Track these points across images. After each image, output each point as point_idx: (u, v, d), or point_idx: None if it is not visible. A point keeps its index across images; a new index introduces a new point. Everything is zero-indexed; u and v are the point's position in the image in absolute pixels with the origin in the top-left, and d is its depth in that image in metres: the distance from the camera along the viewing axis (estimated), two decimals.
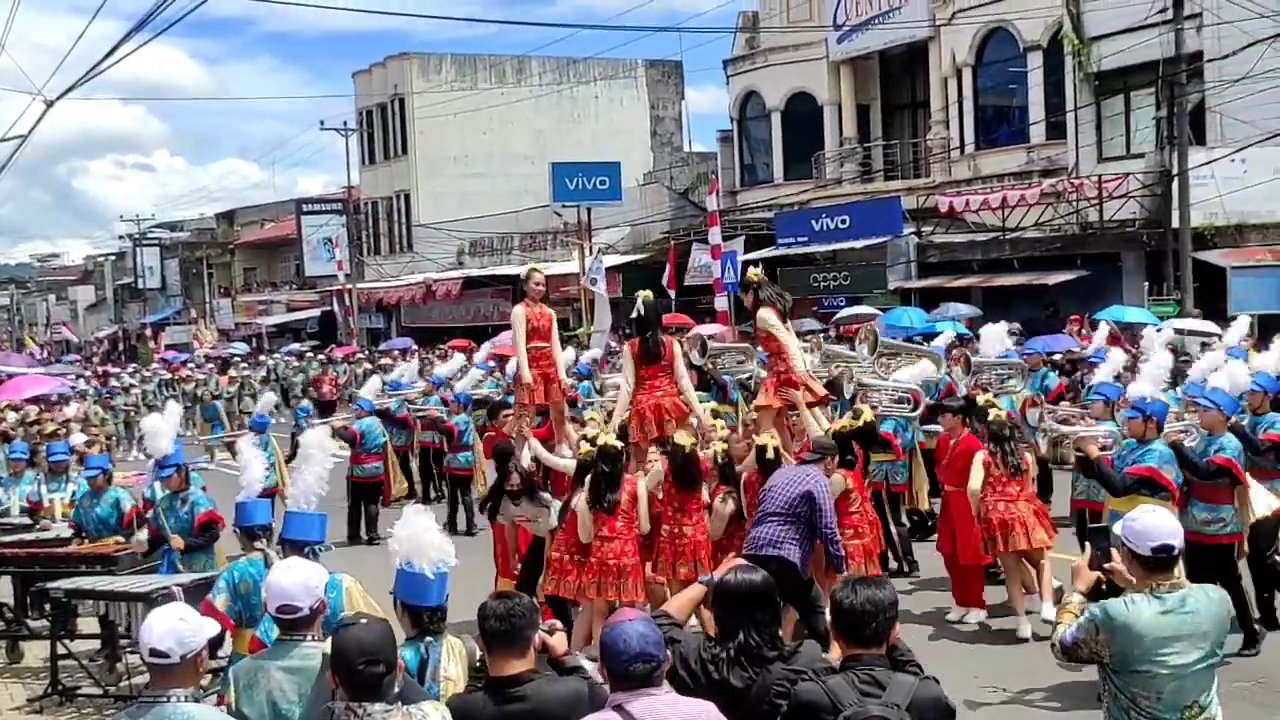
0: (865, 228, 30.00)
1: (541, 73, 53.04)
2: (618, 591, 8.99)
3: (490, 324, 43.34)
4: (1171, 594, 4.58)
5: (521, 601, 4.45)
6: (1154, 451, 8.53)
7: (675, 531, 9.25)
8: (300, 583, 4.70)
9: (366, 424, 16.17)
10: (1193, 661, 4.54)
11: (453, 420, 16.68)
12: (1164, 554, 4.61)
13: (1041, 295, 26.00)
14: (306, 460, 6.67)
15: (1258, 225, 24.74)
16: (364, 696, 4.00)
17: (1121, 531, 4.74)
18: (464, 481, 16.19)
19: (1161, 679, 4.53)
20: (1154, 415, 8.74)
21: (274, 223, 64.97)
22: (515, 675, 4.29)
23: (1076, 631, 4.68)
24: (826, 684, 4.09)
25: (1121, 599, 4.62)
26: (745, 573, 4.58)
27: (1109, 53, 27.27)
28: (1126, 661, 4.56)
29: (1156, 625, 4.52)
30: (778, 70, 37.33)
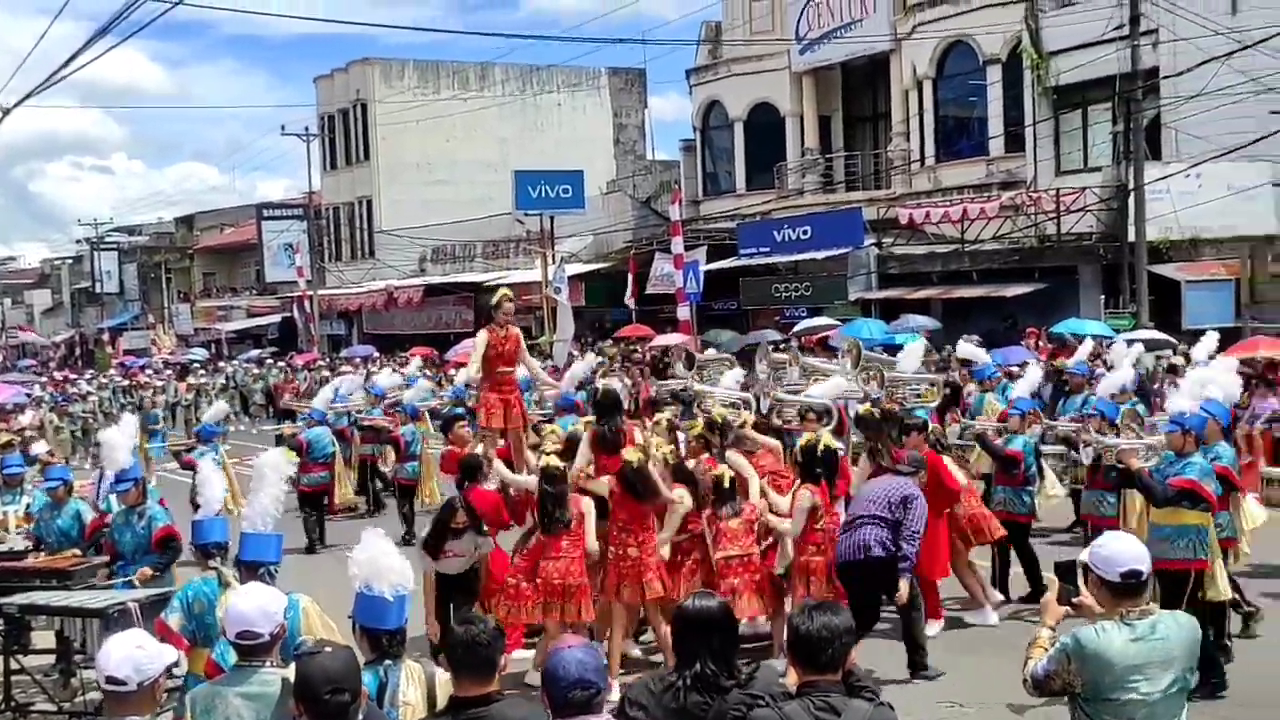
0: (826, 239, 30.15)
1: (504, 80, 52.97)
2: (562, 613, 8.96)
3: (452, 331, 43.25)
4: (1141, 620, 4.59)
5: (488, 626, 4.47)
6: (1194, 464, 8.70)
7: (620, 553, 9.19)
8: (259, 608, 4.69)
9: (315, 433, 16.24)
10: (1163, 688, 4.56)
11: (400, 431, 16.73)
12: (1133, 579, 4.62)
13: (1000, 307, 26.21)
14: (262, 481, 6.65)
15: (1211, 240, 25.04)
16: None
17: (1089, 559, 4.73)
18: (410, 491, 16.34)
19: (1133, 705, 4.54)
20: (1193, 429, 8.92)
21: (234, 227, 64.53)
22: (480, 695, 4.30)
23: (1048, 664, 4.67)
24: (782, 710, 4.12)
25: (1092, 627, 4.62)
26: (703, 600, 4.60)
27: (1067, 67, 27.58)
28: (1098, 690, 4.56)
29: (1127, 653, 4.53)
30: (740, 81, 37.48)
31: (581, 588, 9.05)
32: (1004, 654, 9.73)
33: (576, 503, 9.24)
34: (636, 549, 9.16)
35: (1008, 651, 9.75)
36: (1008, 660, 9.53)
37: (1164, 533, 8.56)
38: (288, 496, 7.25)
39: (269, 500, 6.61)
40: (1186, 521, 8.59)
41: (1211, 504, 8.68)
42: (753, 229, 33.29)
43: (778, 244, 31.64)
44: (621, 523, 9.24)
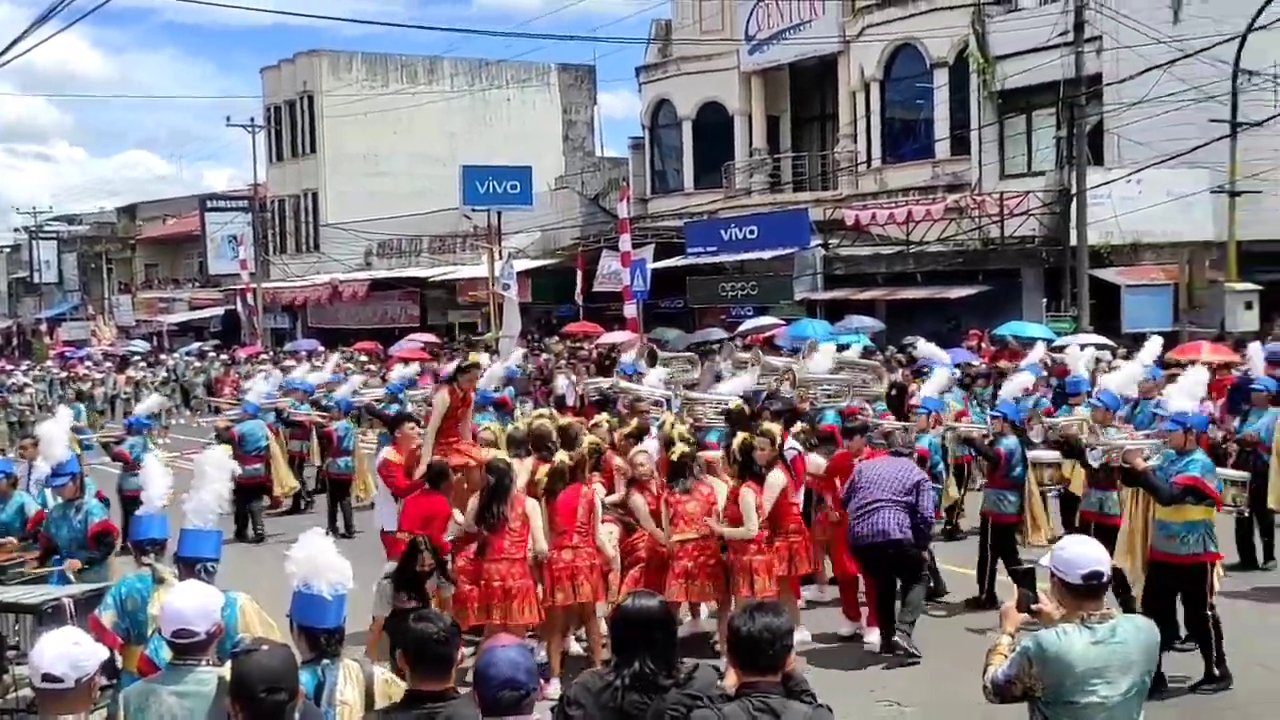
0: (773, 238, 30.27)
1: (453, 74, 52.71)
2: (504, 614, 8.90)
3: (398, 326, 43.03)
4: (1102, 624, 4.62)
5: (444, 623, 4.45)
6: (1196, 461, 8.85)
7: (554, 556, 9.20)
8: (197, 607, 4.63)
9: (248, 426, 16.28)
10: (1122, 691, 4.59)
11: (333, 426, 16.75)
12: (1094, 581, 4.64)
13: (944, 309, 26.45)
14: (203, 478, 6.57)
15: (1151, 245, 25.40)
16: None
17: (1050, 562, 4.75)
18: (344, 486, 16.41)
19: (1092, 709, 4.57)
20: (1194, 427, 9.11)
21: (177, 218, 63.77)
22: (436, 691, 4.30)
23: (1008, 669, 4.68)
24: (721, 711, 4.13)
25: (1053, 630, 4.64)
26: (643, 599, 4.60)
27: (1012, 72, 27.86)
28: (1059, 693, 4.58)
29: (1088, 656, 4.56)
30: (690, 79, 37.54)
31: (523, 589, 9.00)
32: (945, 655, 9.84)
33: (520, 503, 9.19)
34: (570, 552, 9.19)
35: (948, 652, 9.88)
36: (949, 661, 9.67)
37: (1172, 529, 8.76)
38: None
39: (210, 497, 6.53)
40: (1192, 518, 8.75)
41: (1216, 500, 8.89)
42: (700, 228, 33.37)
43: (725, 243, 31.73)
44: (556, 525, 9.27)
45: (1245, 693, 8.71)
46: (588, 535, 9.31)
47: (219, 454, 6.92)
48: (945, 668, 9.55)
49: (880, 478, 9.88)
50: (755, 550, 9.39)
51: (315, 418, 17.58)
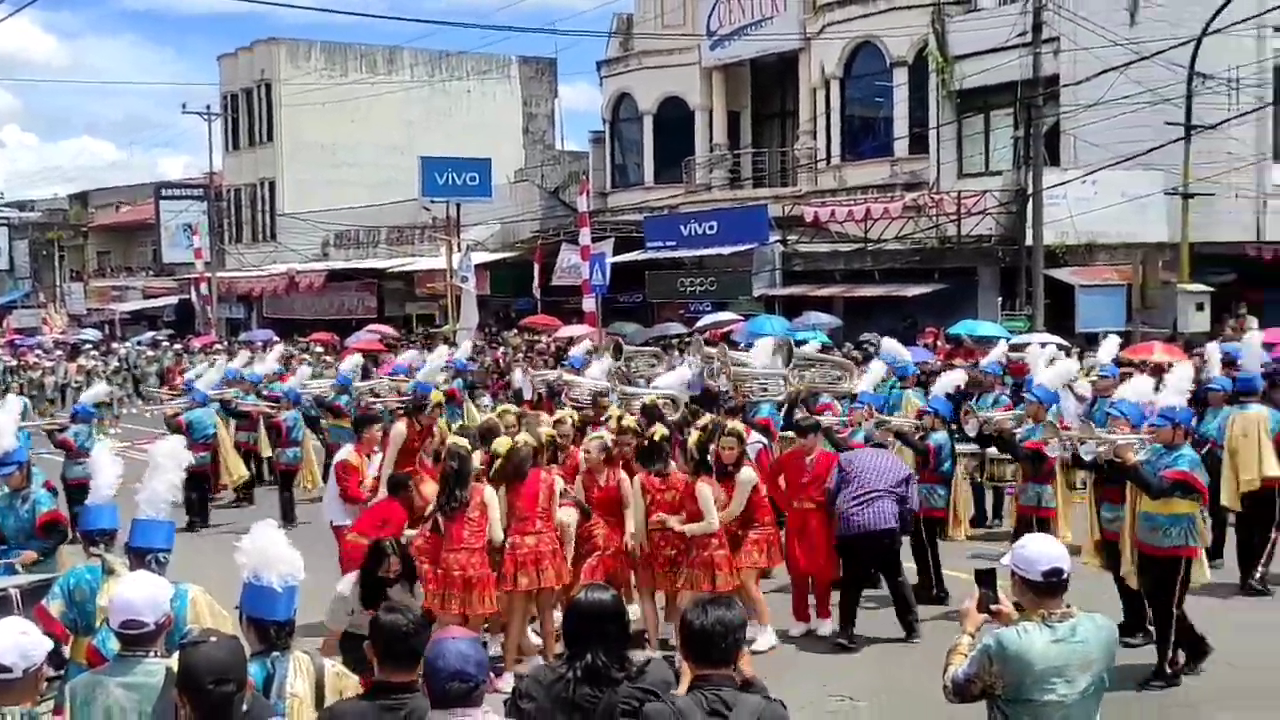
0: (732, 234, 30.33)
1: (413, 64, 52.42)
2: (463, 604, 8.89)
3: (355, 317, 42.76)
4: (1062, 623, 4.63)
5: (414, 616, 4.44)
6: (1184, 456, 8.99)
7: (516, 541, 9.20)
8: (146, 598, 4.58)
9: (196, 415, 16.35)
10: (1081, 690, 4.62)
11: (282, 417, 16.75)
12: (1054, 578, 4.65)
13: (900, 307, 26.60)
14: (156, 468, 6.50)
15: (1106, 245, 25.66)
16: (212, 716, 3.93)
17: (1011, 560, 4.76)
18: (290, 476, 16.49)
19: (1051, 707, 4.59)
20: (1182, 423, 9.26)
21: (131, 206, 63.05)
22: (404, 683, 4.28)
23: (968, 667, 4.68)
24: (675, 704, 4.13)
25: (1014, 628, 4.65)
26: (596, 592, 4.59)
27: (971, 72, 28.04)
28: (1018, 691, 4.59)
29: (1048, 654, 4.57)
30: (651, 74, 37.54)
31: (482, 579, 8.99)
32: (897, 651, 9.92)
33: (479, 491, 9.15)
34: (534, 537, 9.21)
35: (901, 648, 9.96)
36: (901, 656, 9.75)
37: (1157, 521, 8.91)
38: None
39: (163, 487, 6.47)
40: (1179, 511, 8.90)
41: (1203, 494, 9.07)
42: (659, 222, 33.38)
43: (684, 238, 31.76)
44: (519, 511, 9.25)
45: (1211, 690, 8.82)
46: (549, 520, 9.33)
47: (172, 444, 6.85)
48: (897, 662, 9.63)
49: (873, 469, 10.14)
50: (717, 545, 9.42)
51: (264, 408, 17.56)
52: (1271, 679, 8.88)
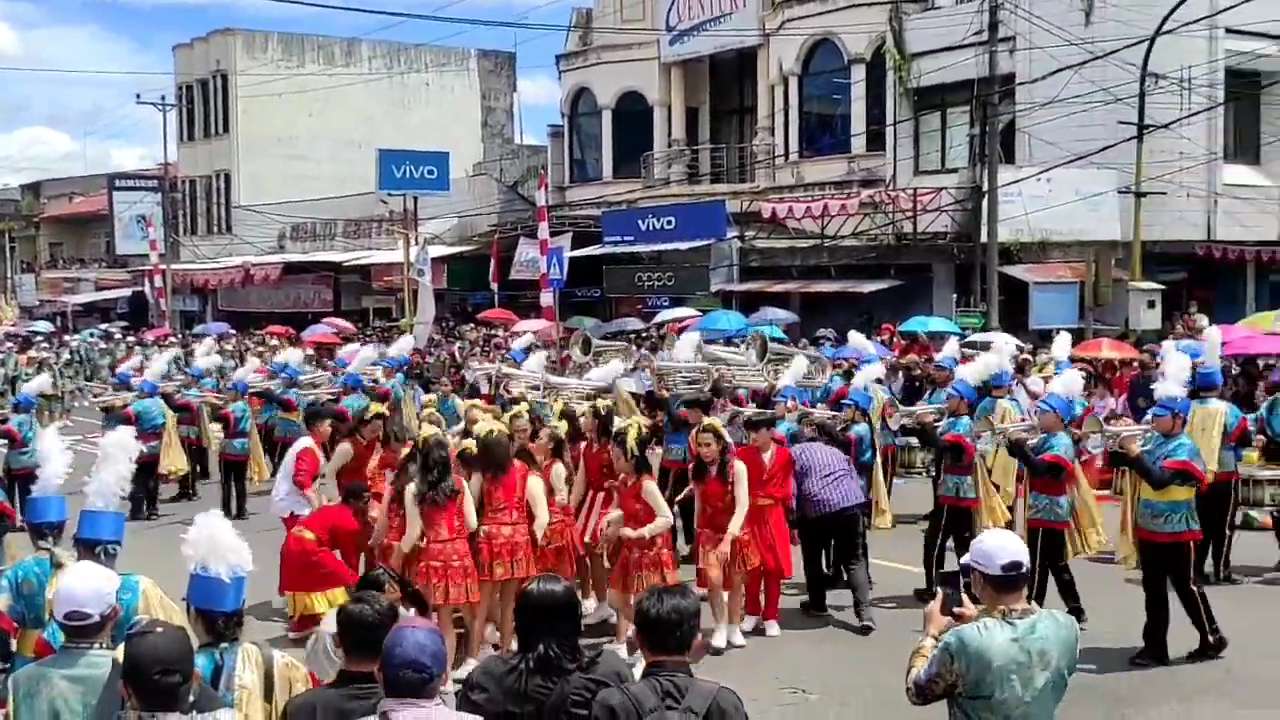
0: (690, 229, 30.37)
1: (371, 57, 52.13)
2: (461, 594, 8.94)
3: (311, 310, 42.48)
4: (1022, 620, 4.64)
5: (380, 606, 4.42)
6: (1184, 445, 9.36)
7: (493, 531, 9.25)
8: (91, 589, 4.53)
9: (144, 405, 16.33)
10: (1040, 688, 4.63)
11: (229, 408, 16.73)
12: (1013, 571, 4.66)
13: (857, 303, 26.74)
14: (106, 459, 6.43)
15: (1059, 243, 25.88)
16: (158, 707, 3.89)
17: (970, 557, 4.78)
18: (239, 467, 16.47)
19: (1009, 705, 4.60)
20: (1181, 413, 9.68)
21: (84, 197, 62.37)
22: (369, 673, 4.27)
23: (930, 667, 4.67)
24: (629, 690, 4.15)
25: (974, 625, 4.66)
26: (547, 583, 4.59)
27: (928, 70, 28.23)
28: (978, 688, 4.59)
29: (1008, 651, 4.58)
30: (610, 69, 37.52)
31: (464, 569, 8.99)
32: (848, 644, 9.99)
33: (458, 481, 9.21)
34: (510, 528, 9.29)
35: (854, 644, 10.03)
36: (853, 651, 9.82)
37: (1158, 509, 9.28)
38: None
39: (112, 478, 6.39)
40: (1178, 498, 9.25)
41: (1201, 481, 9.44)
42: (617, 217, 33.37)
43: (642, 233, 31.77)
44: (496, 501, 9.32)
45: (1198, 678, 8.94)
46: (524, 512, 9.40)
47: (122, 435, 6.78)
48: (851, 658, 9.69)
49: (828, 455, 10.71)
50: (662, 544, 9.42)
51: (211, 399, 17.54)
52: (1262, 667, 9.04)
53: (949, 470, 11.14)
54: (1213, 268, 27.30)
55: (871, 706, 8.44)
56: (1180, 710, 8.41)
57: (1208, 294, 26.79)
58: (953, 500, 10.97)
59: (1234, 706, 8.50)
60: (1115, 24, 24.42)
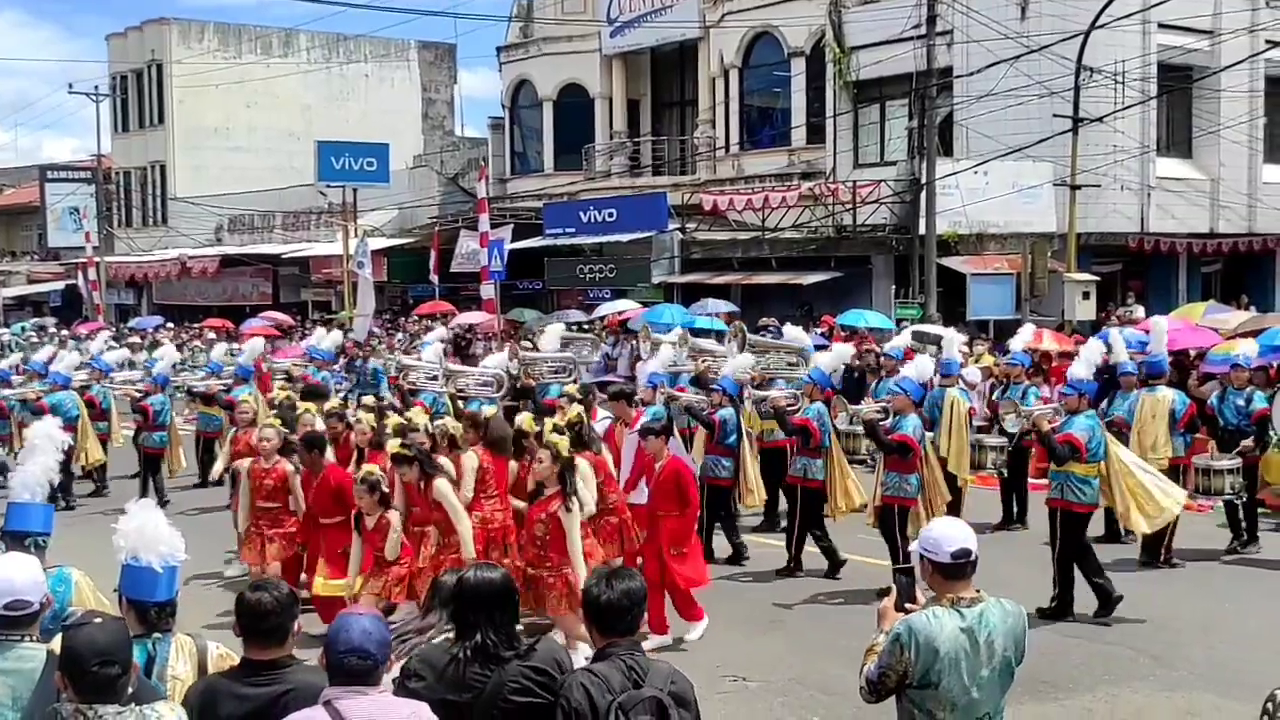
0: (631, 222, 30.38)
1: (310, 47, 51.64)
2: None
3: (249, 304, 42.04)
4: (971, 608, 4.67)
5: (279, 593, 4.39)
6: (1073, 421, 10.25)
7: (489, 515, 9.48)
8: (30, 578, 4.46)
9: (58, 397, 16.27)
10: (986, 677, 4.66)
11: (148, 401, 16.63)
12: (962, 559, 4.69)
13: (797, 294, 26.89)
14: (33, 450, 6.33)
15: (996, 235, 26.16)
16: (96, 698, 3.84)
17: (919, 546, 4.79)
18: (155, 460, 16.50)
19: (955, 693, 4.63)
20: (1086, 393, 10.52)
21: (15, 189, 61.22)
22: (272, 660, 4.26)
23: (880, 660, 4.68)
24: (596, 670, 4.20)
25: (924, 613, 4.68)
26: (485, 571, 4.59)
27: (867, 63, 28.41)
28: (926, 676, 4.61)
29: (956, 639, 4.62)
30: (551, 60, 37.42)
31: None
32: (792, 635, 10.06)
33: (459, 459, 9.53)
34: (502, 514, 9.65)
35: (793, 632, 10.10)
36: (795, 640, 9.89)
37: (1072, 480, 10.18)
38: None
39: (39, 470, 6.29)
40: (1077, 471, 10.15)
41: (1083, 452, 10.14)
42: (559, 209, 33.32)
43: (583, 225, 31.73)
44: (490, 488, 9.66)
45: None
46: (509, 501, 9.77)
47: (48, 425, 6.67)
48: (788, 646, 9.76)
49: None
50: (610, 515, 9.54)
51: (131, 391, 17.45)
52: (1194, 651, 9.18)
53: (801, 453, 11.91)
54: (1145, 259, 27.73)
55: (812, 696, 8.51)
56: (1109, 694, 8.54)
57: (1141, 285, 27.24)
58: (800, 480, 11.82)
59: (1162, 689, 8.66)
60: (1051, 18, 24.73)
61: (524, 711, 4.27)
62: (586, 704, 4.10)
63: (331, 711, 3.82)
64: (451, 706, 4.26)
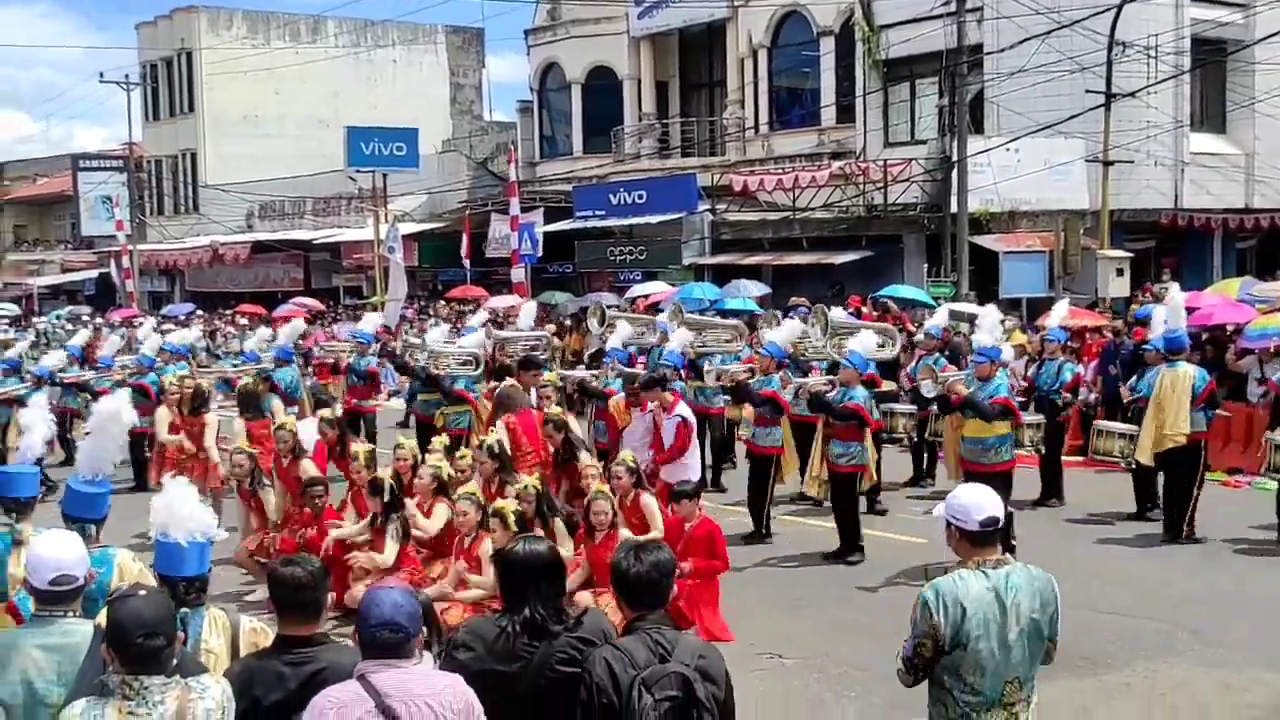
0: (661, 203, 30.34)
1: (338, 33, 51.76)
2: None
3: (280, 290, 42.24)
4: (996, 570, 4.68)
5: (312, 566, 4.40)
6: (1001, 385, 10.86)
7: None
8: (76, 553, 4.48)
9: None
10: (1015, 637, 4.65)
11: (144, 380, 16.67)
12: (990, 526, 4.71)
13: (828, 274, 26.79)
14: (98, 431, 6.30)
15: (1028, 212, 25.99)
16: (141, 670, 3.87)
17: (946, 511, 4.79)
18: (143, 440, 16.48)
19: (984, 656, 4.62)
20: (997, 360, 11.12)
21: (48, 178, 61.73)
22: (306, 636, 4.26)
23: (913, 632, 4.68)
24: (620, 645, 4.17)
25: (950, 576, 4.69)
26: (531, 543, 4.59)
27: (897, 41, 28.21)
28: (957, 637, 4.61)
29: (983, 599, 4.62)
30: (579, 43, 37.35)
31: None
32: (826, 611, 10.04)
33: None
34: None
35: (829, 610, 10.08)
36: (829, 617, 9.86)
37: (987, 443, 10.75)
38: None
39: (106, 449, 6.26)
40: (1001, 432, 10.74)
41: (1017, 415, 11.05)
42: (588, 191, 33.30)
43: (613, 207, 31.71)
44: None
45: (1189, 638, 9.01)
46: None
47: (115, 402, 6.65)
48: (823, 624, 9.74)
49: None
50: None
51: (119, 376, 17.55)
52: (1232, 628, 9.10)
53: (757, 423, 12.37)
54: (1180, 235, 27.48)
55: (845, 672, 8.49)
56: (1148, 669, 8.48)
57: (1175, 262, 26.98)
58: (755, 446, 12.35)
59: (1200, 664, 8.58)
60: None
61: (571, 682, 4.25)
62: (609, 679, 4.06)
63: (366, 685, 3.83)
64: (500, 677, 4.28)
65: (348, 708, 3.79)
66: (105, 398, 7.21)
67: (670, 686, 4.04)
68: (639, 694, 4.00)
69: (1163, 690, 8.11)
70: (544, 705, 4.30)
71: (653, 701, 3.99)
